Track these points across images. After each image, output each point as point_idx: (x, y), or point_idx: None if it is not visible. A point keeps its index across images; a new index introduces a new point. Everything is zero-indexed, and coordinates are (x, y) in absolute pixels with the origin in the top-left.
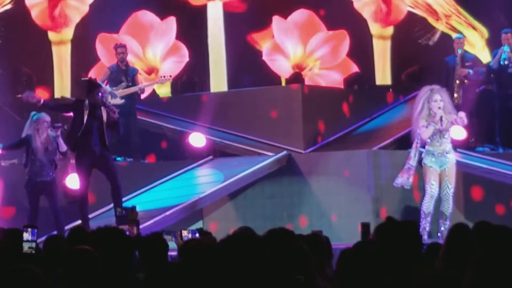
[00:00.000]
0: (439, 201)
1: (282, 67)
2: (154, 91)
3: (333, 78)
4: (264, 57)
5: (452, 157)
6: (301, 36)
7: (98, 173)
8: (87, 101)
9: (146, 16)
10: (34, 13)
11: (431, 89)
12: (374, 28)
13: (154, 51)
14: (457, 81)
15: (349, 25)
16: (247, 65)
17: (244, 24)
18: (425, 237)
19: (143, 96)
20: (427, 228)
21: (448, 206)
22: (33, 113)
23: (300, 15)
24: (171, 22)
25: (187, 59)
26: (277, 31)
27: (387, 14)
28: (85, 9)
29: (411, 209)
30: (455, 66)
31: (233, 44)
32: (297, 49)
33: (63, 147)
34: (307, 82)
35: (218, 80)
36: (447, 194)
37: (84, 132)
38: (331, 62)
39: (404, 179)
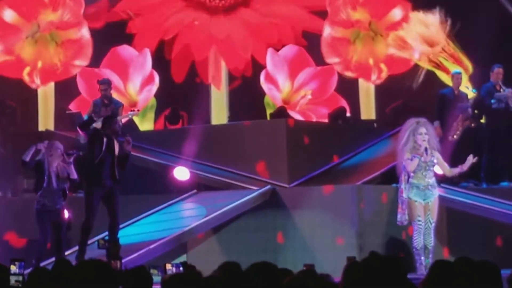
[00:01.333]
0: None
1: (276, 98)
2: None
3: (322, 113)
4: (262, 84)
5: (436, 191)
6: (290, 71)
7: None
8: (104, 133)
9: (126, 50)
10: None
11: (417, 121)
12: None
13: (134, 86)
14: (464, 119)
15: None
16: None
17: None
18: (424, 272)
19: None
20: (424, 263)
21: (430, 240)
22: (46, 141)
23: (289, 50)
24: (146, 54)
25: (157, 85)
26: (270, 63)
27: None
28: (87, 63)
29: (395, 244)
30: (459, 104)
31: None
32: (286, 84)
33: (74, 175)
34: (299, 113)
35: (219, 113)
36: (428, 228)
37: (98, 163)
38: (319, 97)
39: (402, 215)
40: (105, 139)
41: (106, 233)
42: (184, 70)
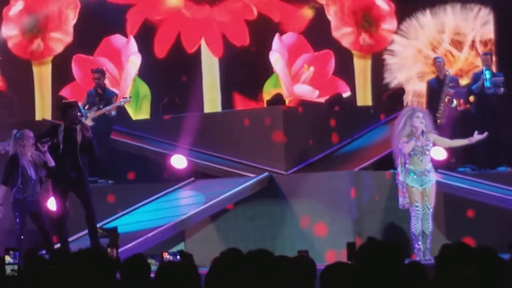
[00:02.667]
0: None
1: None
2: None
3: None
4: (274, 63)
5: (433, 176)
6: (289, 58)
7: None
8: (62, 125)
9: (118, 40)
10: (11, 44)
11: (413, 108)
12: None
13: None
14: (446, 99)
15: (332, 45)
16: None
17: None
18: (422, 257)
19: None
20: (422, 248)
21: (428, 225)
22: (15, 131)
23: (289, 38)
24: (130, 39)
25: (135, 64)
26: (278, 46)
27: (370, 45)
28: (69, 39)
29: (393, 230)
30: (444, 86)
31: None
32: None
33: (52, 162)
34: (304, 83)
35: (212, 101)
36: (426, 214)
37: (60, 156)
38: (317, 82)
39: (403, 198)
40: (61, 131)
41: (104, 222)
42: (167, 44)
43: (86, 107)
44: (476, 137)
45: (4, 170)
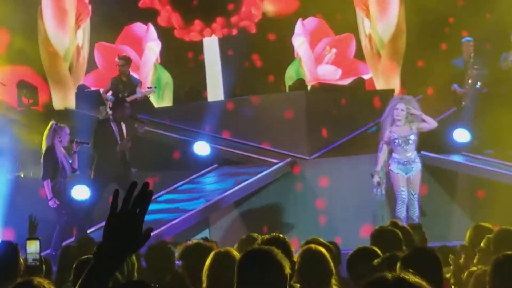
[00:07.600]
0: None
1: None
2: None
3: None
4: (297, 47)
5: (417, 165)
6: (311, 43)
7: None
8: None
9: (139, 28)
10: None
11: (400, 97)
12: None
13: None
14: (470, 81)
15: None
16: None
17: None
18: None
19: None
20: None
21: (414, 211)
22: (53, 122)
23: (311, 23)
24: (150, 28)
25: (153, 51)
26: (301, 32)
27: None
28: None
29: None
30: (468, 67)
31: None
32: None
33: (76, 165)
34: (327, 64)
35: (215, 90)
36: (411, 200)
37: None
38: (339, 65)
39: (377, 188)
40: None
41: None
42: None
43: (109, 93)
44: None
45: (43, 164)
